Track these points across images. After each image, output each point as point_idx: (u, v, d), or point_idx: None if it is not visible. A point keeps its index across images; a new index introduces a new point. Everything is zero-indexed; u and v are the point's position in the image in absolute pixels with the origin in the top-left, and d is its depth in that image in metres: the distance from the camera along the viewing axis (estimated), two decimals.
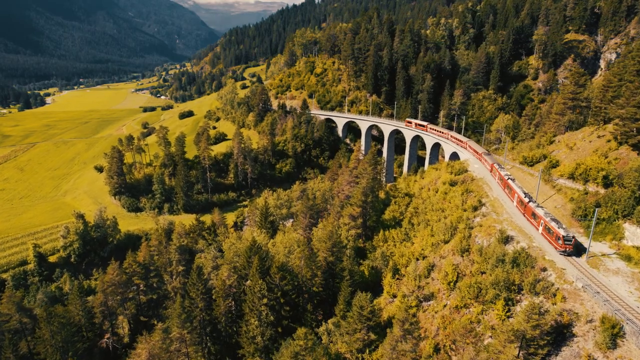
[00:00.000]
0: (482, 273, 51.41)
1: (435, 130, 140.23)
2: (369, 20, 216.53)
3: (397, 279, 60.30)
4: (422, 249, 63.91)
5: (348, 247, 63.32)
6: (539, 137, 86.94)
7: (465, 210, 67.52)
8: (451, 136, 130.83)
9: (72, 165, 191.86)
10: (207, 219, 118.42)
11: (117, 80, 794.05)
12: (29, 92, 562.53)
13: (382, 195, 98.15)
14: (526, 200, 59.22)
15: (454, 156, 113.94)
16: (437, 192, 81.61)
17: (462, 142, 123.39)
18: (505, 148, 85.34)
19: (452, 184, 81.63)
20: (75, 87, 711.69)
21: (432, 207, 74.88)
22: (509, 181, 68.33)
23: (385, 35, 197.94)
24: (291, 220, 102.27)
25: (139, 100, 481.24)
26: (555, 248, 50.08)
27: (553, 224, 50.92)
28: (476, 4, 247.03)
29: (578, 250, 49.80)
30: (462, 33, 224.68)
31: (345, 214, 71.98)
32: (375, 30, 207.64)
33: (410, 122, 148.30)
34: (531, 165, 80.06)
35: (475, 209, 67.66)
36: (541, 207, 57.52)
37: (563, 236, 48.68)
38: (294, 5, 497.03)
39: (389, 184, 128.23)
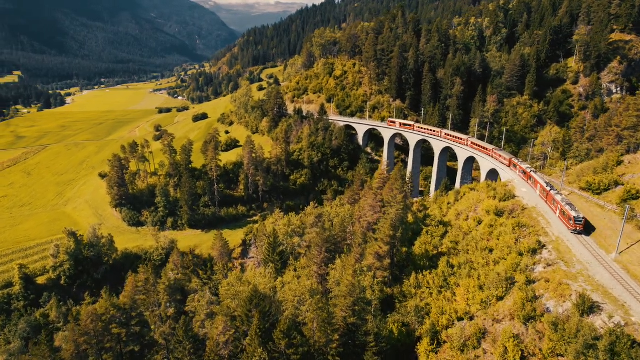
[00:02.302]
0: (559, 356, 37.77)
1: (423, 128, 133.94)
2: (393, 19, 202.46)
3: (437, 346, 46.95)
4: (468, 305, 50.39)
5: (373, 299, 50.36)
6: (605, 156, 71.99)
7: (521, 255, 53.67)
8: (445, 134, 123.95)
9: (80, 170, 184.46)
10: (211, 237, 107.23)
11: (137, 80, 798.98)
12: (50, 92, 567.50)
13: (409, 217, 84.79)
14: (548, 188, 67.61)
15: (492, 174, 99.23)
16: (479, 224, 67.80)
17: (461, 139, 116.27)
18: (564, 171, 70.69)
19: (498, 213, 67.67)
20: (96, 87, 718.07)
21: (476, 245, 61.14)
22: (532, 173, 76.14)
23: (410, 35, 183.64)
24: (304, 242, 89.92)
25: (156, 101, 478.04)
26: (568, 228, 57.56)
27: (567, 207, 58.67)
28: (508, 1, 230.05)
29: (588, 230, 56.85)
30: (494, 33, 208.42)
31: (369, 253, 59.04)
32: (400, 30, 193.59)
33: (393, 122, 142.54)
34: (598, 194, 65.30)
35: (534, 252, 53.73)
36: (560, 194, 64.94)
37: (574, 217, 56.15)
38: (314, 5, 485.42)
39: (415, 200, 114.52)
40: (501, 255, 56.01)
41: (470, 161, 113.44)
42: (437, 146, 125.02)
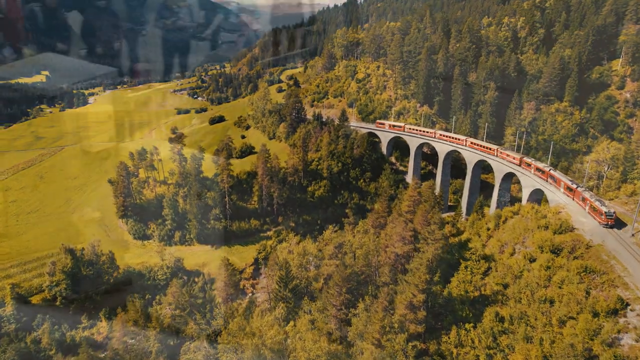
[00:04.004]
0: None
1: (413, 129, 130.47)
2: (421, 18, 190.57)
3: None
4: None
5: None
6: None
7: (596, 315, 42.19)
8: (440, 135, 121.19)
9: (92, 174, 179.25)
10: (221, 254, 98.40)
11: (160, 80, 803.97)
12: (74, 92, 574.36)
13: None
14: (574, 186, 70.03)
15: (535, 195, 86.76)
16: (531, 262, 56.32)
17: (459, 140, 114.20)
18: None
19: (555, 251, 56.02)
20: (119, 87, 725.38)
21: (532, 294, 49.77)
22: (551, 171, 79.06)
23: (439, 35, 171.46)
24: (321, 274, 79.58)
25: (175, 102, 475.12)
26: (599, 222, 59.88)
27: (597, 203, 61.58)
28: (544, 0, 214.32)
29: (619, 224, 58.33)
30: (530, 34, 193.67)
31: (400, 301, 48.50)
32: (428, 30, 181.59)
33: (383, 124, 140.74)
34: None
35: (614, 313, 42.15)
36: (587, 190, 67.75)
37: (605, 212, 58.91)
38: (335, 6, 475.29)
39: (444, 217, 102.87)
40: (567, 311, 44.60)
41: (509, 178, 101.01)
42: (470, 159, 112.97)
